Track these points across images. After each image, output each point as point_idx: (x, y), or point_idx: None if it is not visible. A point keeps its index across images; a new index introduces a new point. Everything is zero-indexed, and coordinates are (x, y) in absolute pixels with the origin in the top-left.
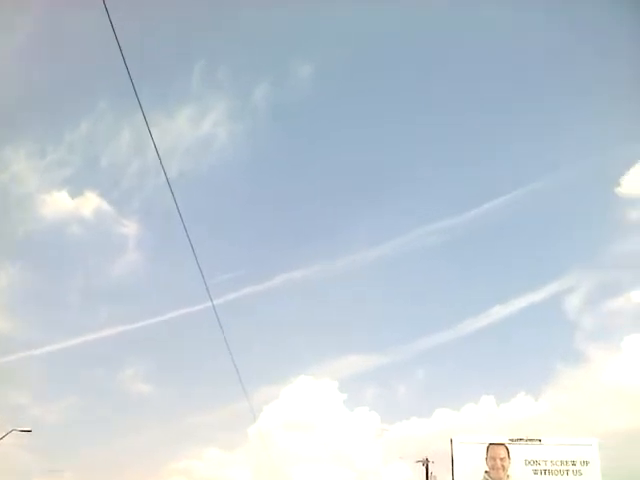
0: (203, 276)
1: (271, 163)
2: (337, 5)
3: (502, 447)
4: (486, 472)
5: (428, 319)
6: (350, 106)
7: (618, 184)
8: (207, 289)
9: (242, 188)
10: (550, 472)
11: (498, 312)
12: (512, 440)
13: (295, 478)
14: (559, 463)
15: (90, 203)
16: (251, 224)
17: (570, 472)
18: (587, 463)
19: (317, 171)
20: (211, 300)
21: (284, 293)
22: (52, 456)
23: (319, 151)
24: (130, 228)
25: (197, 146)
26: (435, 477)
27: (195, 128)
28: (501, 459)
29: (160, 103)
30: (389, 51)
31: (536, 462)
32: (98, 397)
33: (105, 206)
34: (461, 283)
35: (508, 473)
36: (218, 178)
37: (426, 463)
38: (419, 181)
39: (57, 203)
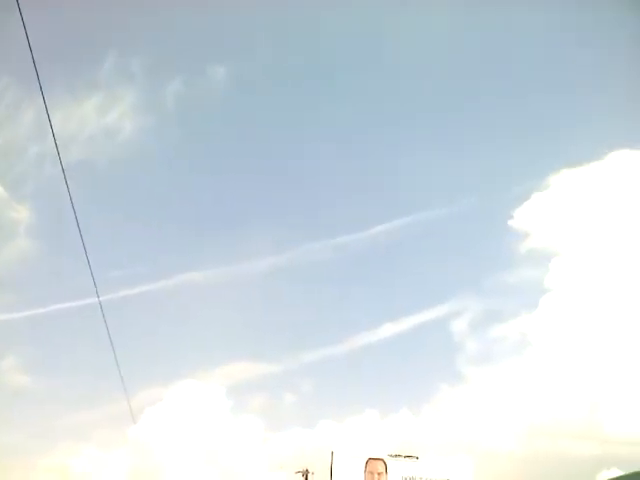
0: (91, 269)
1: (176, 160)
2: (256, 9)
3: (380, 462)
4: None
5: (320, 331)
6: (260, 110)
7: (511, 217)
8: (94, 282)
9: (144, 183)
10: None
11: (388, 329)
12: (391, 456)
13: None
14: None
15: None
16: (151, 221)
17: None
18: None
19: (222, 174)
20: (97, 294)
21: (180, 294)
22: None
23: (225, 153)
24: (22, 214)
25: (101, 135)
26: None
27: (101, 117)
28: (379, 474)
29: (67, 88)
30: (300, 61)
31: (412, 478)
32: None
33: None
34: (354, 298)
35: None
36: (120, 170)
37: (306, 474)
38: (325, 194)
39: None
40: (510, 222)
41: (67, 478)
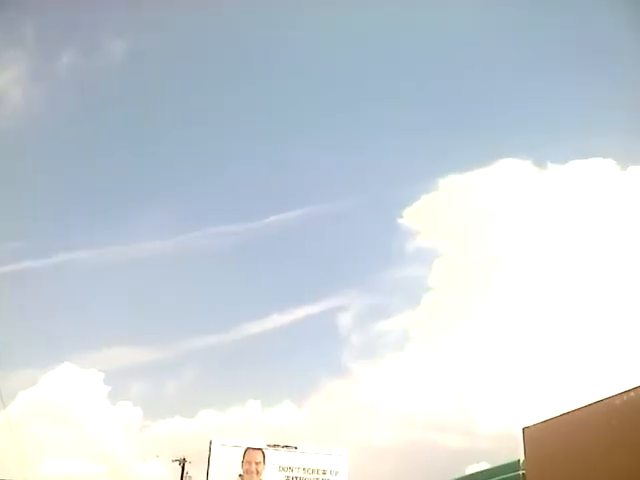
0: None
1: (67, 132)
2: None
3: (259, 452)
4: (240, 475)
5: (206, 319)
6: (157, 89)
7: (401, 216)
8: None
9: (33, 154)
10: (302, 479)
11: (275, 320)
12: (269, 446)
13: (44, 471)
14: (311, 471)
15: None
16: (38, 195)
17: None
18: (337, 473)
19: (116, 149)
20: None
21: (64, 273)
22: None
23: (120, 129)
24: None
25: None
26: (190, 477)
27: None
28: (256, 463)
29: None
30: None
31: (290, 469)
32: None
33: None
34: (243, 288)
35: (261, 477)
36: (7, 139)
37: (183, 463)
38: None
39: None
40: (400, 221)
41: None
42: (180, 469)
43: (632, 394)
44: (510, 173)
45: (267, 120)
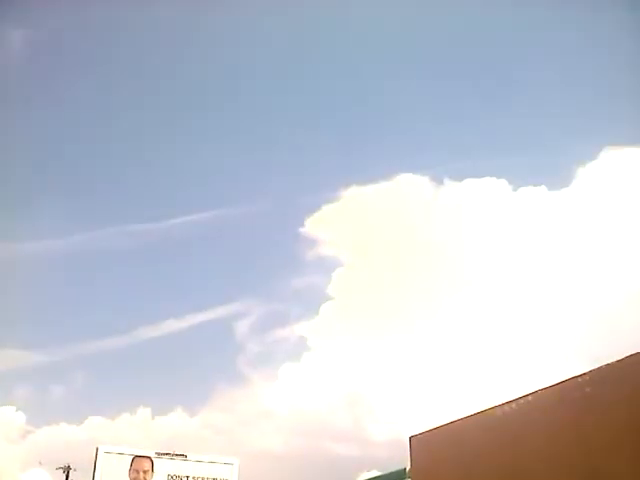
0: None
1: None
2: None
3: (147, 460)
4: None
5: (97, 323)
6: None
7: (302, 225)
8: None
9: None
10: None
11: (170, 325)
12: (158, 454)
13: None
14: (200, 479)
15: None
16: None
17: None
18: None
19: (10, 143)
20: None
21: None
22: None
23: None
24: None
25: None
26: None
27: None
28: (144, 472)
29: None
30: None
31: (179, 477)
32: None
33: None
34: (140, 290)
35: None
36: None
37: (67, 470)
38: (119, 180)
39: None
40: (301, 229)
41: None
42: (64, 477)
43: (513, 405)
44: (409, 187)
45: (172, 121)
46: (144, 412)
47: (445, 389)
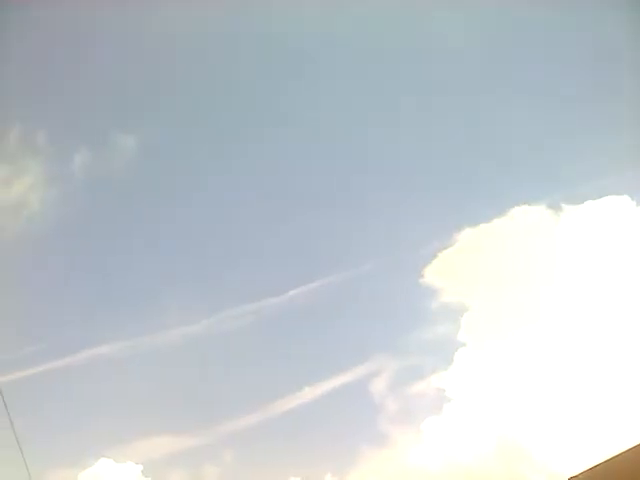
0: None
1: (85, 232)
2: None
3: None
4: None
5: (237, 400)
6: (172, 179)
7: (422, 276)
8: None
9: (49, 257)
10: None
11: (307, 394)
12: None
13: None
14: None
15: None
16: (55, 297)
17: None
18: None
19: (133, 243)
20: None
21: (88, 369)
22: None
23: (136, 223)
24: None
25: (7, 210)
26: None
27: (6, 191)
28: None
29: None
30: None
31: None
32: None
33: None
34: (271, 364)
35: None
36: (26, 244)
37: None
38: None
39: None
40: (421, 280)
41: None
42: None
43: None
44: (525, 219)
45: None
46: None
47: (596, 424)
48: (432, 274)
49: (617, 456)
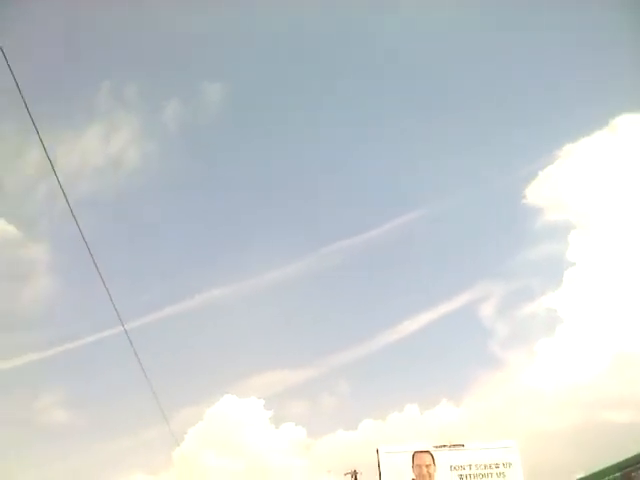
0: (112, 299)
1: (182, 182)
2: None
3: (427, 454)
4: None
5: (348, 332)
6: (259, 125)
7: (524, 196)
8: (117, 313)
9: (154, 208)
10: (475, 476)
11: (416, 322)
12: (436, 447)
13: None
14: (483, 467)
15: None
16: (162, 246)
17: (494, 475)
18: (510, 465)
19: (228, 190)
20: (121, 323)
21: (203, 312)
22: None
23: (229, 170)
24: (38, 253)
25: (107, 165)
26: None
27: (104, 147)
28: (427, 466)
29: (66, 121)
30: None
31: (461, 467)
32: (15, 427)
33: (11, 230)
34: (376, 296)
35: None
36: (130, 197)
37: (354, 475)
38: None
39: None
40: (524, 201)
41: None
42: None
43: None
44: (628, 129)
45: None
46: (411, 409)
47: None
48: (534, 194)
49: None
